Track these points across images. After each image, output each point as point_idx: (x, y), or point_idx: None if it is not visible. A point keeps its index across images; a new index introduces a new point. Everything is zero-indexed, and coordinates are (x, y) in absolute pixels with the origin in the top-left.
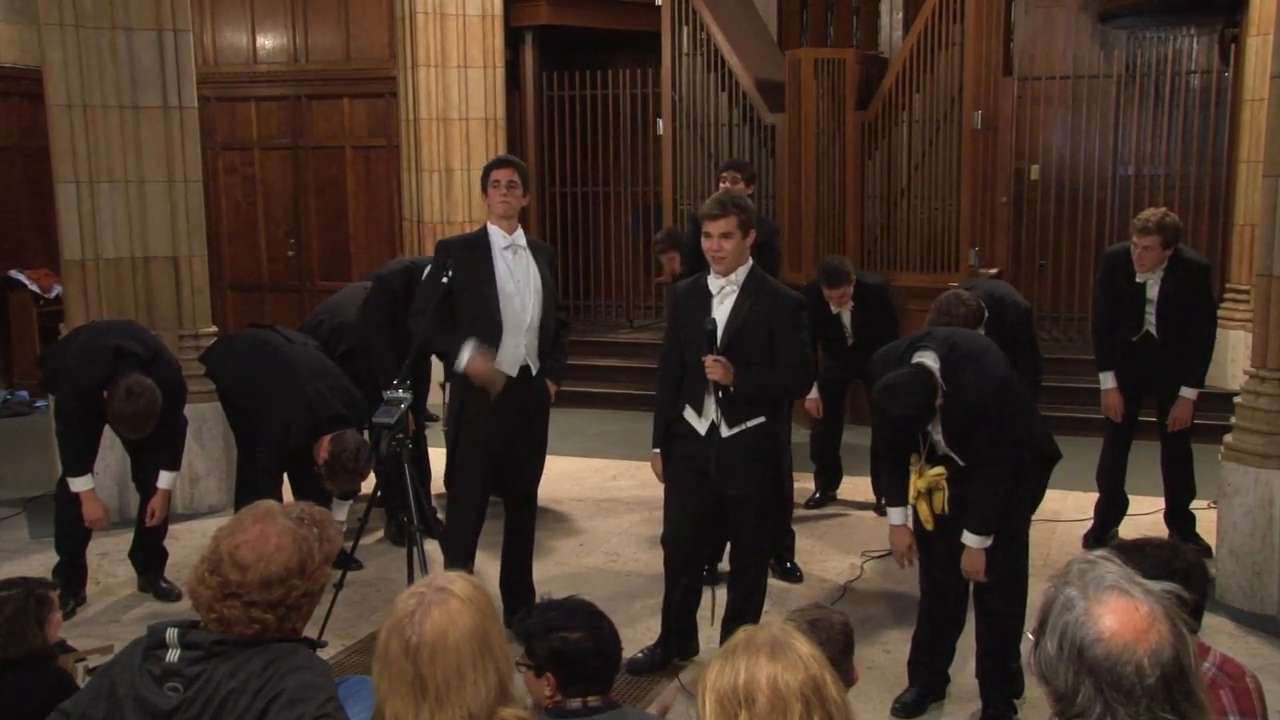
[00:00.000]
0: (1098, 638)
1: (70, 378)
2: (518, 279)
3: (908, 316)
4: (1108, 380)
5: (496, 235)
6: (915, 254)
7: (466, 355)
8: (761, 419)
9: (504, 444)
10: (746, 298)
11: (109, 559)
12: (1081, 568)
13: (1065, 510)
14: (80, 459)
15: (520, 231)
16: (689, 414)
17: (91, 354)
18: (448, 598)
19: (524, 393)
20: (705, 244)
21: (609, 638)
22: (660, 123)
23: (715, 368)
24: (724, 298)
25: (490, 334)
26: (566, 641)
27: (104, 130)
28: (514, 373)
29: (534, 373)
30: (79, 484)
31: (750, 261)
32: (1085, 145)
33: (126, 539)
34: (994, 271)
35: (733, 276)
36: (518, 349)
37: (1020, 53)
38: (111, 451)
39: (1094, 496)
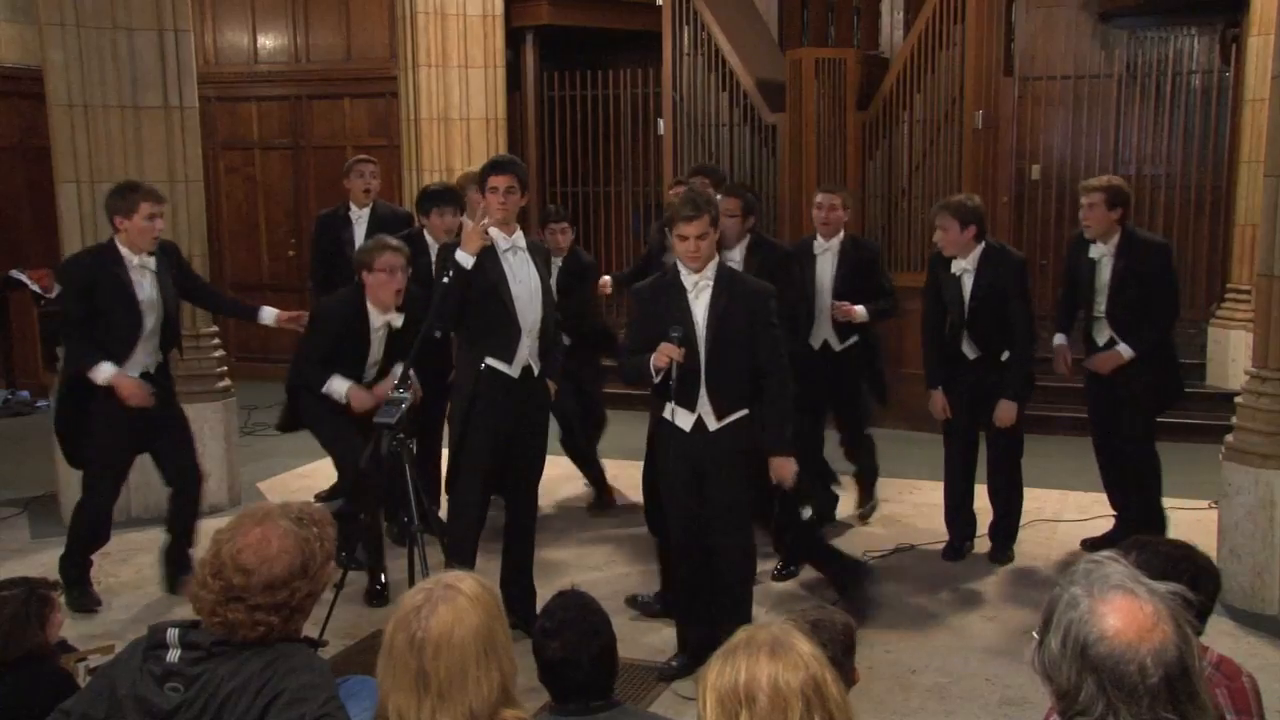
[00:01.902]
0: (1101, 636)
1: (64, 268)
2: (520, 280)
3: (909, 316)
4: (1059, 338)
5: (498, 238)
6: (916, 254)
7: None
8: (744, 411)
9: (507, 444)
10: (722, 292)
11: (110, 559)
12: (1087, 567)
13: (1066, 510)
14: (92, 348)
15: (519, 233)
16: (673, 413)
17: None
18: (455, 595)
19: (527, 393)
20: (681, 246)
21: (587, 651)
22: (661, 123)
23: (672, 350)
24: (699, 293)
25: (509, 337)
26: (546, 648)
27: (105, 130)
28: (517, 374)
29: (536, 373)
30: (102, 372)
31: (716, 256)
32: (1086, 145)
33: (127, 539)
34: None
35: (706, 271)
36: (522, 350)
37: (1021, 53)
38: None
39: (1095, 496)
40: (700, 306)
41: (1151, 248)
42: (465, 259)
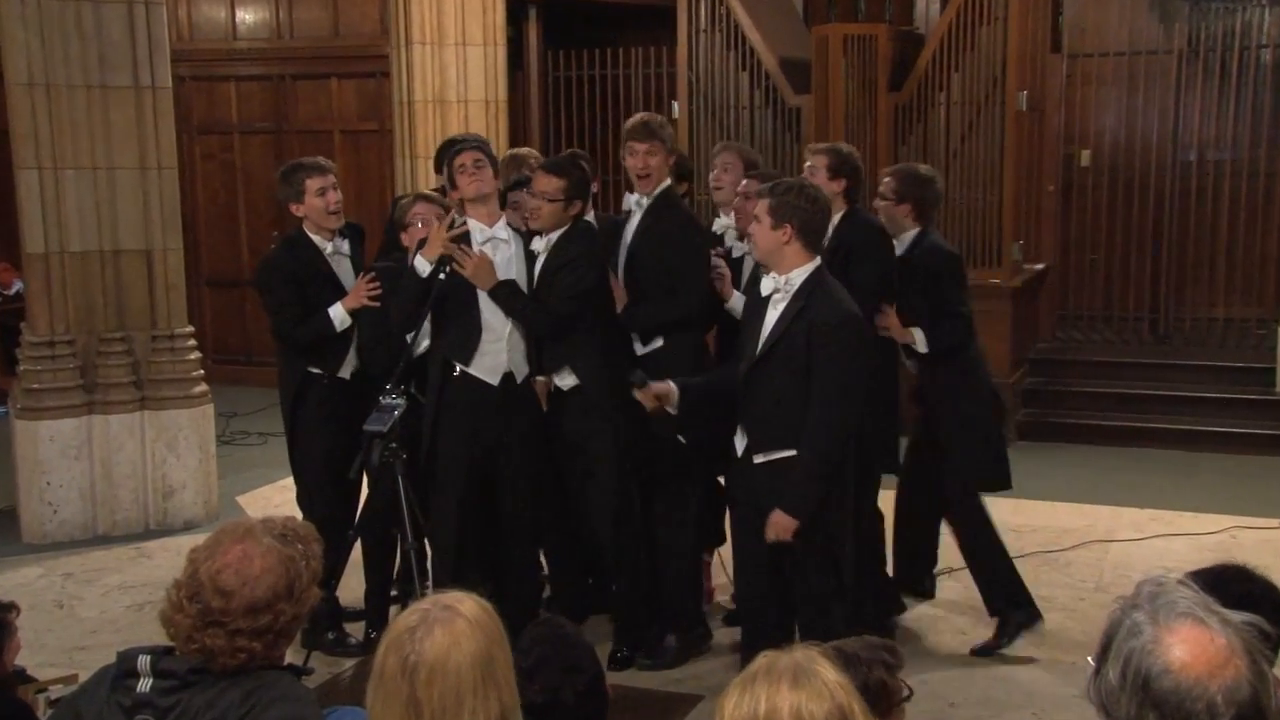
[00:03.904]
0: (1166, 669)
1: (268, 264)
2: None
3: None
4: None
5: (475, 229)
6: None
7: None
8: (793, 451)
9: (488, 460)
10: (798, 307)
11: (74, 580)
12: (1152, 591)
13: (1118, 528)
14: (310, 323)
15: (502, 222)
16: (737, 434)
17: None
18: (454, 617)
19: (509, 403)
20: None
21: (571, 689)
22: (675, 105)
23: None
24: (777, 303)
25: (468, 337)
26: (526, 691)
27: (69, 112)
28: (495, 381)
29: (519, 380)
30: (335, 314)
31: (816, 262)
32: (1142, 128)
33: (93, 559)
34: None
35: (788, 278)
36: (499, 355)
37: (1070, 27)
38: (78, 461)
39: (1153, 513)
40: (771, 318)
41: (865, 230)
42: (422, 265)
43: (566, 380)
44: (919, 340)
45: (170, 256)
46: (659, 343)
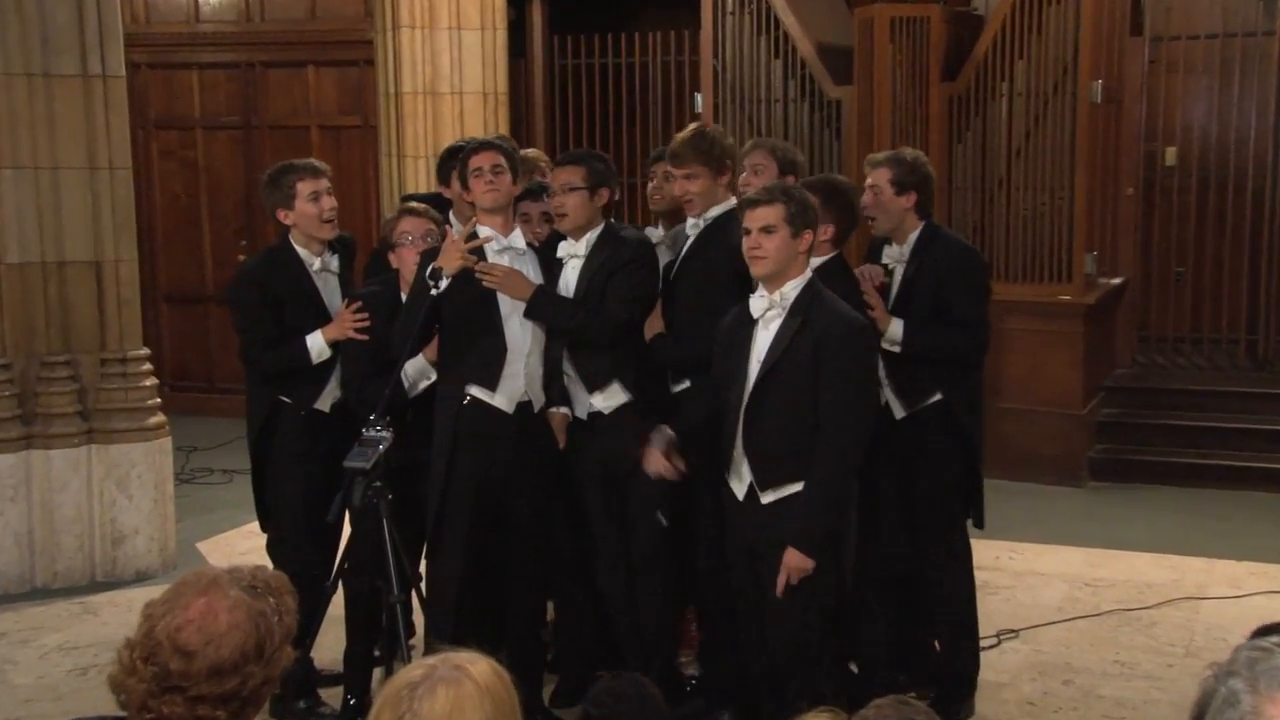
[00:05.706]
0: None
1: (242, 277)
2: None
3: (1007, 336)
4: None
5: (492, 238)
6: (1017, 260)
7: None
8: (801, 485)
9: (499, 497)
10: (796, 323)
11: (7, 640)
12: (1251, 656)
13: (1211, 583)
14: (283, 349)
15: (518, 232)
16: (730, 476)
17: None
18: (462, 678)
19: (524, 433)
20: (745, 241)
21: None
22: (699, 98)
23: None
24: (769, 322)
25: (492, 359)
26: None
27: (7, 103)
28: (511, 409)
29: (535, 409)
30: (314, 344)
31: (809, 274)
32: (1237, 121)
33: (30, 615)
34: None
35: (779, 294)
36: (517, 379)
37: (1152, 6)
38: (13, 503)
39: (1251, 566)
40: (764, 339)
41: (956, 252)
42: (438, 280)
43: (612, 400)
44: (896, 334)
45: (122, 269)
46: (686, 384)
